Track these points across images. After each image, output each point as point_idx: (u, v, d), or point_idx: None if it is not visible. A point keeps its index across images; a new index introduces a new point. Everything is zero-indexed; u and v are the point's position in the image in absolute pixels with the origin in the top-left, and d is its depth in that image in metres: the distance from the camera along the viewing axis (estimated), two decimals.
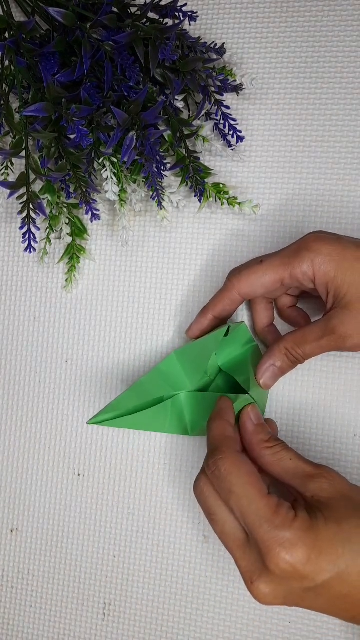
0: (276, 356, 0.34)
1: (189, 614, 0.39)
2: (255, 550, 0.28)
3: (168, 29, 0.33)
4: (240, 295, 0.35)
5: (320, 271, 0.32)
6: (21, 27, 0.33)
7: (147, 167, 0.35)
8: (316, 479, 0.30)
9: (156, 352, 0.40)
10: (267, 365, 0.34)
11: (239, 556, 0.29)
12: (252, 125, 0.39)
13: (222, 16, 0.40)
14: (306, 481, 0.30)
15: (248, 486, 0.29)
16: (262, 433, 0.33)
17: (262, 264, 0.34)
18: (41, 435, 0.42)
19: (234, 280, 0.35)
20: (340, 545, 0.27)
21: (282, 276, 0.33)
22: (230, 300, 0.35)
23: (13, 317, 0.43)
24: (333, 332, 0.32)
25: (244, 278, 0.34)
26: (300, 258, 0.32)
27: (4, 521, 0.42)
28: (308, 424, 0.38)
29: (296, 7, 0.39)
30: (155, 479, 0.40)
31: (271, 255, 0.34)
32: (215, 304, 0.36)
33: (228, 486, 0.29)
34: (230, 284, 0.35)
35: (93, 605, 0.41)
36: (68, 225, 0.40)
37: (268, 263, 0.34)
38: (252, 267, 0.34)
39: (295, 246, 0.33)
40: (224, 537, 0.30)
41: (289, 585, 0.27)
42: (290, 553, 0.27)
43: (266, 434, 0.33)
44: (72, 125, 0.32)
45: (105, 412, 0.35)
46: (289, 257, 0.33)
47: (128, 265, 0.41)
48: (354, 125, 0.38)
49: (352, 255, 0.32)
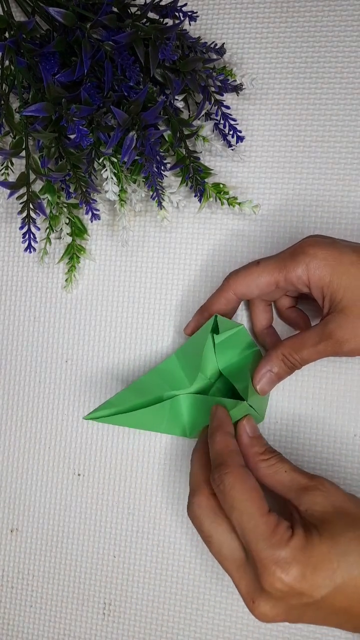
0: (273, 362, 0.34)
1: (189, 614, 0.39)
2: (253, 569, 0.28)
3: (168, 29, 0.33)
4: (235, 295, 0.35)
5: (315, 275, 0.32)
6: (21, 27, 0.33)
7: (147, 167, 0.35)
8: (310, 491, 0.30)
9: (156, 352, 0.40)
10: (263, 371, 0.34)
11: (238, 577, 0.29)
12: (252, 125, 0.39)
13: (222, 16, 0.40)
14: (301, 494, 0.30)
15: (249, 502, 0.29)
16: (257, 445, 0.33)
17: (258, 266, 0.34)
18: (41, 435, 0.42)
19: (231, 280, 0.35)
20: (335, 560, 0.27)
21: (277, 279, 0.33)
22: (226, 299, 0.35)
23: (13, 317, 0.43)
24: (330, 337, 0.32)
25: (240, 279, 0.34)
26: (296, 262, 0.32)
27: (4, 521, 0.42)
28: (308, 424, 0.38)
29: (296, 7, 0.39)
30: (155, 479, 0.40)
31: (268, 258, 0.34)
32: (212, 302, 0.36)
33: (230, 501, 0.29)
34: (226, 284, 0.35)
35: (93, 605, 0.41)
36: (68, 225, 0.40)
37: (264, 265, 0.34)
38: (249, 269, 0.34)
39: (292, 249, 0.33)
40: (222, 559, 0.30)
41: (288, 602, 0.28)
42: (285, 571, 0.27)
43: (261, 446, 0.33)
44: (72, 125, 0.32)
45: (103, 409, 0.35)
46: (285, 260, 0.33)
47: (128, 265, 0.41)
48: (354, 125, 0.38)
49: (348, 259, 0.32)
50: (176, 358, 0.37)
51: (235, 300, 0.35)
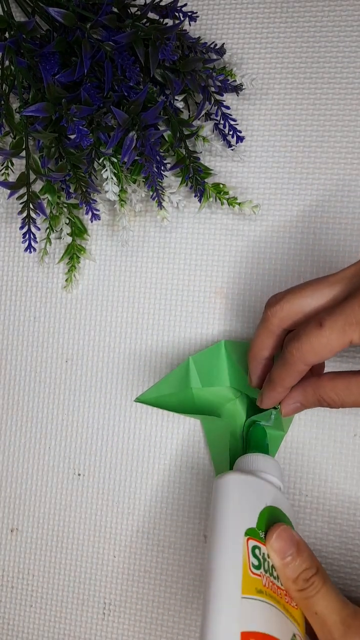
0: (308, 399, 0.30)
1: (189, 614, 0.39)
2: None
3: (168, 29, 0.33)
4: (307, 366, 0.29)
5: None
6: (21, 27, 0.33)
7: (147, 167, 0.35)
8: (350, 634, 0.27)
9: (156, 352, 0.40)
10: (292, 403, 0.31)
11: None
12: (252, 125, 0.39)
13: (222, 16, 0.40)
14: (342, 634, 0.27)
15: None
16: (289, 569, 0.29)
17: (323, 329, 0.27)
18: (41, 435, 0.42)
19: (296, 353, 0.29)
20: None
21: (350, 338, 0.27)
22: (299, 373, 0.30)
23: (13, 317, 0.43)
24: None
25: (305, 348, 0.28)
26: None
27: (4, 521, 0.42)
28: (308, 423, 0.38)
29: (296, 7, 0.39)
30: (155, 479, 0.40)
31: (331, 315, 0.27)
32: (282, 378, 0.30)
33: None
34: (293, 357, 0.29)
35: (93, 605, 0.41)
36: (68, 225, 0.40)
37: (330, 327, 0.27)
38: (311, 334, 0.28)
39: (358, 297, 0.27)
40: None
41: None
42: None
43: (294, 571, 0.29)
44: (72, 125, 0.32)
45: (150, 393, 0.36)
46: (355, 314, 0.27)
47: (128, 265, 0.41)
48: (354, 125, 0.38)
49: None
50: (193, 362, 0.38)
51: (306, 370, 0.30)
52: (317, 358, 0.28)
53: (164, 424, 0.40)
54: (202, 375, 0.37)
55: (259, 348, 0.32)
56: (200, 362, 0.37)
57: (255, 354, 0.32)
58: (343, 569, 0.37)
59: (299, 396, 0.31)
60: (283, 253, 0.39)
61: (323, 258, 0.38)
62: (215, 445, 0.38)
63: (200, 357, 0.37)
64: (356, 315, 0.26)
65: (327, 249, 0.38)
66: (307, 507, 0.38)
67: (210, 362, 0.37)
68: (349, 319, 0.27)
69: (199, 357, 0.37)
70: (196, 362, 0.37)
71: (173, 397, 0.37)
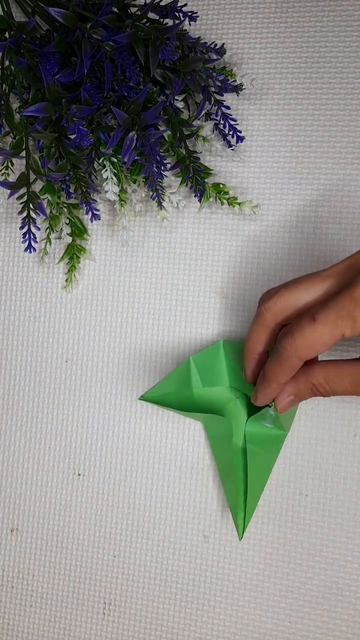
0: (301, 391, 0.31)
1: (189, 614, 0.39)
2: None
3: (168, 29, 0.33)
4: (301, 361, 0.29)
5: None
6: (21, 27, 0.33)
7: (147, 167, 0.35)
8: None
9: (156, 352, 0.40)
10: (287, 397, 0.31)
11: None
12: (252, 125, 0.39)
13: (222, 16, 0.40)
14: None
15: None
16: None
17: (316, 323, 0.28)
18: (41, 435, 0.42)
19: (290, 348, 0.29)
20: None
21: (342, 331, 0.28)
22: (292, 369, 0.30)
23: (13, 317, 0.43)
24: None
25: (299, 343, 0.28)
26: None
27: (4, 521, 0.42)
28: (308, 423, 0.38)
29: (296, 7, 0.39)
30: (155, 479, 0.40)
31: (324, 309, 0.28)
32: (275, 374, 0.31)
33: None
34: (287, 352, 0.29)
35: (93, 605, 0.41)
36: (68, 225, 0.40)
37: (323, 321, 0.28)
38: (305, 330, 0.28)
39: (350, 291, 0.27)
40: None
41: None
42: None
43: None
44: (72, 125, 0.32)
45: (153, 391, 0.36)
46: (346, 308, 0.27)
47: (128, 265, 0.41)
48: (354, 125, 0.38)
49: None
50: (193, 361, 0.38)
51: (299, 365, 0.30)
52: (311, 352, 0.28)
53: (164, 424, 0.40)
54: (203, 375, 0.37)
55: (254, 343, 0.32)
56: (200, 362, 0.37)
57: (249, 349, 0.33)
58: (343, 569, 0.37)
59: (292, 388, 0.31)
60: (283, 253, 0.39)
61: (323, 258, 0.38)
62: (218, 444, 0.38)
63: (200, 357, 0.37)
64: (347, 309, 0.27)
65: (326, 248, 0.38)
66: (307, 507, 0.38)
67: (210, 362, 0.37)
68: (340, 312, 0.27)
69: (200, 357, 0.37)
70: (197, 362, 0.37)
71: (175, 396, 0.37)
